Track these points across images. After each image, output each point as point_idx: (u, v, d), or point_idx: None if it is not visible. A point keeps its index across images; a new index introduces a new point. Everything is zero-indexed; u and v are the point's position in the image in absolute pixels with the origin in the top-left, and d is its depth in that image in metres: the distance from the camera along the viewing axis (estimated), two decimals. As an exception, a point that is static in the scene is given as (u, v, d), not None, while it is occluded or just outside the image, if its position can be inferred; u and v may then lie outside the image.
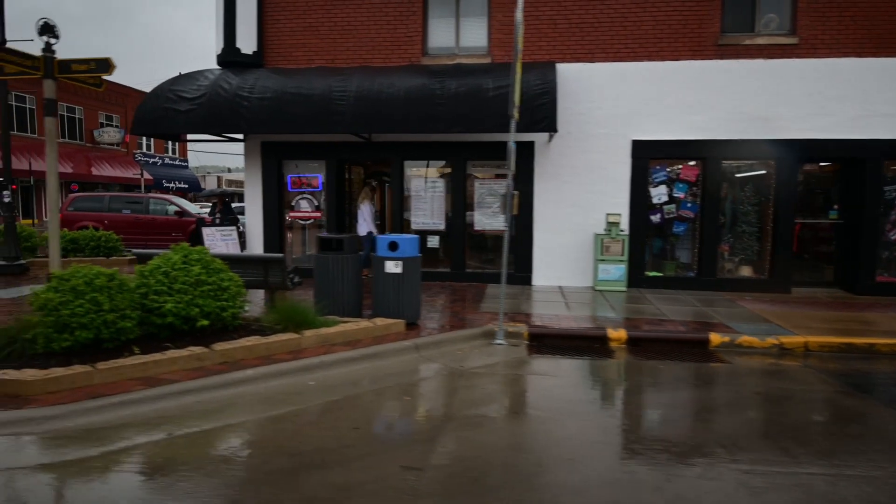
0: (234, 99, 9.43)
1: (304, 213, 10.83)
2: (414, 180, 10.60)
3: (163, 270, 5.53)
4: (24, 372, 4.40)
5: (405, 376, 5.43)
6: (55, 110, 6.33)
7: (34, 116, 32.57)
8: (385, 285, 6.94)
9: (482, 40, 10.22)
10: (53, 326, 4.84)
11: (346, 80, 9.42)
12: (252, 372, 5.02)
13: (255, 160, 10.77)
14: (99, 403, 4.19)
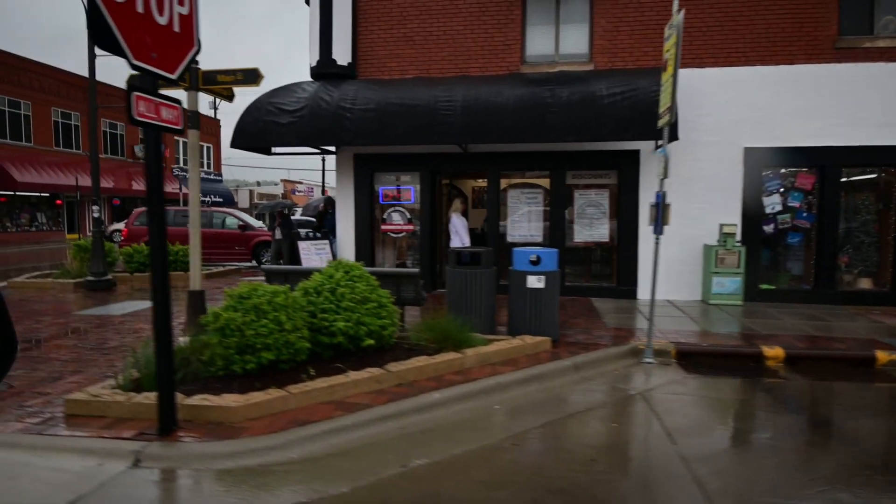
0: (337, 111, 9.26)
1: (396, 225, 10.60)
2: (510, 191, 10.32)
3: (328, 287, 5.29)
4: (225, 398, 4.15)
5: (586, 399, 5.11)
6: (198, 123, 6.16)
7: (79, 133, 32.97)
8: (524, 301, 6.65)
9: (583, 47, 9.96)
10: (236, 348, 4.60)
11: (450, 89, 9.21)
12: (438, 396, 4.73)
13: (347, 173, 10.59)
14: (310, 431, 3.93)
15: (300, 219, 21.38)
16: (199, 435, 3.83)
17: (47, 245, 28.49)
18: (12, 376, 5.18)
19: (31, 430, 3.91)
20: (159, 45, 3.72)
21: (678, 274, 9.74)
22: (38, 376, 5.20)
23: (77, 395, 4.22)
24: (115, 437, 3.77)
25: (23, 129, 29.60)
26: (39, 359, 5.82)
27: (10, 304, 6.98)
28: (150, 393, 4.23)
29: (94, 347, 6.32)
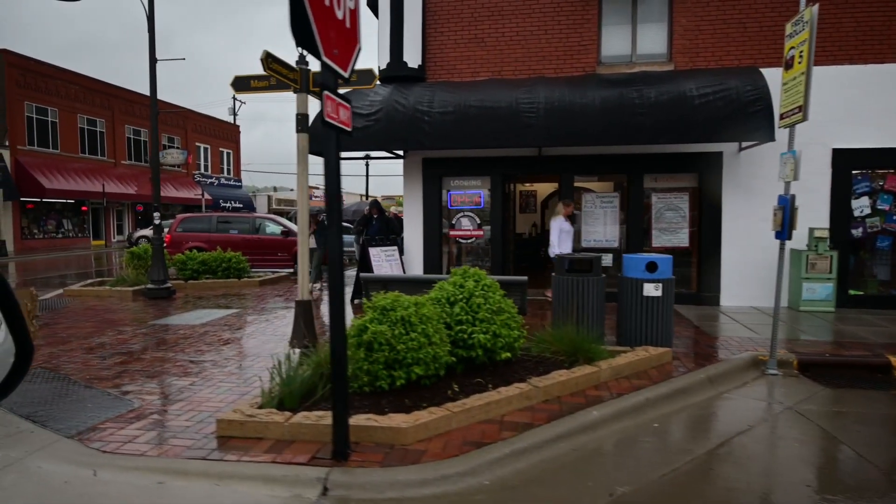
0: (414, 114, 9.02)
1: (465, 231, 10.34)
2: (585, 195, 10.04)
3: (461, 297, 5.02)
4: (393, 418, 3.88)
5: (742, 416, 4.82)
6: (307, 126, 5.92)
7: (104, 140, 32.95)
8: (638, 310, 6.37)
9: (661, 47, 9.69)
10: (384, 363, 4.33)
11: (531, 91, 8.95)
12: (597, 414, 4.45)
13: (415, 177, 10.34)
14: (491, 455, 3.65)
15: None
16: (377, 459, 3.56)
17: (74, 251, 28.39)
18: (129, 392, 4.94)
19: (193, 454, 3.65)
20: (338, 41, 3.48)
21: (764, 280, 9.40)
22: (160, 392, 4.95)
23: (230, 415, 3.96)
24: (288, 463, 3.50)
25: (50, 136, 29.58)
26: (149, 373, 5.57)
27: (78, 313, 6.79)
28: (308, 413, 3.97)
29: (196, 360, 6.07)
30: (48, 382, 5.27)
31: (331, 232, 3.55)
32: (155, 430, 4.04)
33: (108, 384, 5.20)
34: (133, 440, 3.86)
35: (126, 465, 3.47)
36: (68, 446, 3.78)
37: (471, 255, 10.55)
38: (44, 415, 4.38)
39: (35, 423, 4.19)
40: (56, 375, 5.50)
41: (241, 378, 5.40)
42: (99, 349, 6.62)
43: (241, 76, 6.02)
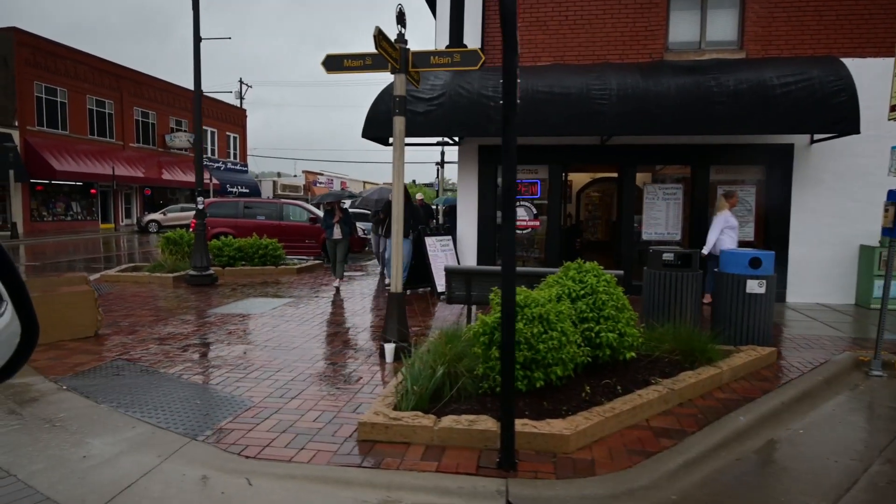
0: (479, 99, 8.69)
1: (521, 221, 10.04)
2: (647, 186, 9.76)
3: (584, 292, 4.75)
4: (552, 424, 3.62)
5: (885, 423, 4.58)
6: (405, 109, 5.59)
7: (113, 121, 32.36)
8: (737, 307, 6.11)
9: (732, 34, 9.37)
10: (522, 363, 4.06)
11: (602, 77, 8.63)
12: (744, 420, 4.20)
13: (470, 165, 10.03)
14: (665, 466, 3.40)
15: (355, 211, 20.79)
16: (548, 469, 3.29)
17: (84, 235, 27.92)
18: (231, 388, 4.66)
19: (344, 460, 3.38)
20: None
21: (832, 277, 9.20)
22: (265, 389, 4.66)
23: (373, 417, 3.68)
24: (455, 472, 3.24)
25: (59, 117, 28.99)
26: (240, 368, 5.28)
27: (125, 300, 6.48)
28: (457, 416, 3.71)
29: (280, 354, 5.79)
30: (140, 377, 4.97)
31: (506, 227, 3.25)
32: (287, 433, 3.76)
33: (203, 379, 4.91)
34: (270, 444, 3.59)
35: (279, 473, 3.19)
36: (203, 450, 3.50)
37: (523, 247, 10.27)
38: (155, 414, 4.09)
39: (151, 424, 3.91)
40: (145, 369, 5.20)
41: (341, 375, 5.13)
42: (171, 340, 6.33)
43: (333, 55, 5.66)
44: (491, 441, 3.54)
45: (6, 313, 1.11)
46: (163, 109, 36.53)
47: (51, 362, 5.39)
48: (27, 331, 1.13)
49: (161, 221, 30.76)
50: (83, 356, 5.63)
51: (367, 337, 6.62)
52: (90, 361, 5.45)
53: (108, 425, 3.89)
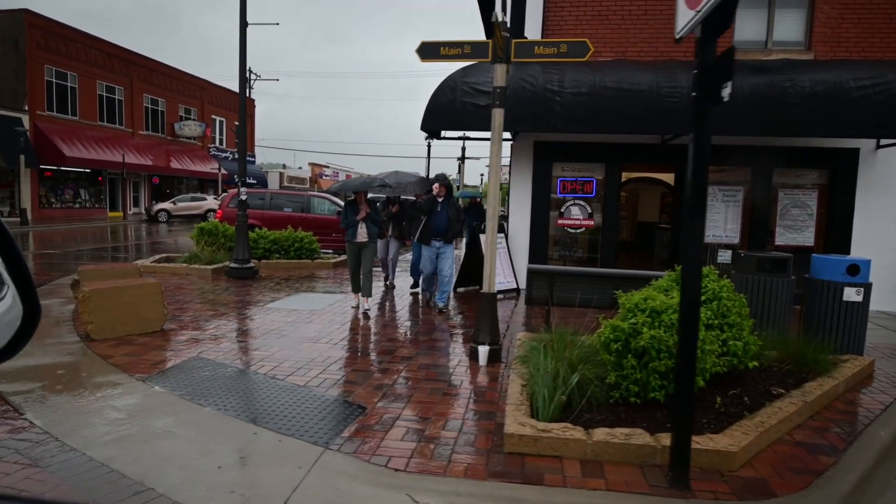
0: (544, 94, 8.45)
1: (575, 220, 9.82)
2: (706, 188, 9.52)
3: (705, 298, 4.52)
4: (716, 440, 3.40)
5: None
6: (505, 100, 5.35)
7: (122, 108, 31.90)
8: (831, 315, 5.91)
9: (799, 34, 9.16)
10: (661, 372, 3.84)
11: (672, 75, 8.39)
12: (884, 434, 3.99)
13: (524, 162, 9.79)
14: (843, 489, 3.18)
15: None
16: (724, 490, 3.08)
17: (94, 223, 27.52)
18: (335, 391, 4.42)
19: (504, 475, 3.15)
20: None
21: (889, 283, 9.02)
22: (373, 393, 4.43)
23: (520, 428, 3.45)
24: (626, 491, 3.01)
25: (69, 102, 28.54)
26: (335, 369, 5.04)
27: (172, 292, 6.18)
28: (611, 429, 3.48)
29: (370, 355, 5.55)
30: (232, 377, 4.72)
31: (693, 225, 3.02)
32: (423, 443, 3.53)
33: (299, 380, 4.67)
34: (413, 455, 3.35)
35: (442, 490, 2.96)
36: (345, 461, 3.26)
37: (571, 247, 10.05)
38: (269, 419, 3.84)
39: (270, 430, 3.66)
40: (232, 368, 4.95)
41: (440, 379, 4.90)
42: (242, 336, 6.08)
43: (428, 42, 5.41)
44: (649, 457, 3.32)
45: (7, 296, 1.12)
46: (172, 97, 36.07)
47: (129, 359, 5.13)
48: (29, 313, 1.12)
49: (171, 211, 30.36)
50: (158, 353, 5.37)
51: (444, 337, 6.38)
52: (169, 358, 5.20)
53: (225, 431, 3.65)
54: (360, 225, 7.41)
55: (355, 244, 7.52)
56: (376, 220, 7.54)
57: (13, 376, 4.54)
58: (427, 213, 7.73)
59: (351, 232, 7.47)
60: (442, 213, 7.69)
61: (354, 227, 7.43)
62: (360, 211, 7.38)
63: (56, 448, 3.32)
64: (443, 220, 7.65)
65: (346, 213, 7.48)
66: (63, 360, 5.10)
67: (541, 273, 6.18)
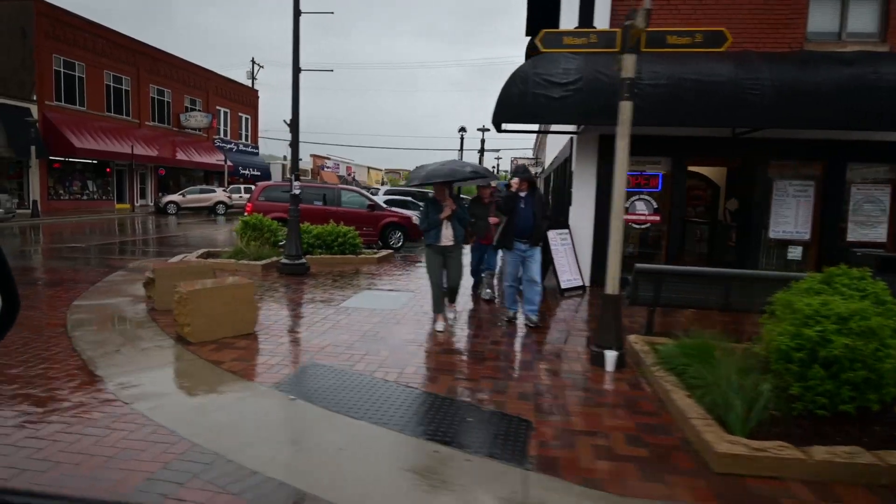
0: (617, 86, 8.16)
1: (640, 215, 9.59)
2: (776, 182, 9.34)
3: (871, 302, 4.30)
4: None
5: None
6: (633, 92, 5.09)
7: (129, 98, 31.28)
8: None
9: (872, 25, 8.95)
10: (855, 383, 3.61)
11: (750, 66, 8.16)
12: None
13: (589, 155, 9.54)
14: None
15: (392, 197, 20.14)
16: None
17: (103, 215, 27.01)
18: (485, 400, 4.17)
19: (726, 500, 2.91)
20: None
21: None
22: (516, 405, 4.18)
23: (732, 448, 3.22)
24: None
25: (77, 92, 27.93)
26: (457, 373, 4.79)
27: None
28: (832, 448, 3.26)
29: (474, 357, 5.31)
30: (366, 386, 4.46)
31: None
32: (617, 462, 3.29)
33: (436, 388, 4.42)
34: (618, 476, 3.11)
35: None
36: (560, 486, 3.02)
37: (635, 242, 9.84)
38: (443, 436, 3.59)
39: (447, 446, 3.41)
40: (368, 378, 4.69)
41: (577, 387, 4.67)
42: (344, 339, 5.80)
43: (551, 31, 5.15)
44: (874, 476, 3.10)
45: None
46: (178, 87, 35.45)
47: (241, 364, 4.85)
48: (9, 307, 1.14)
49: (180, 203, 29.85)
50: (267, 357, 5.09)
51: (548, 340, 6.14)
52: (283, 364, 4.92)
53: (403, 449, 3.40)
54: (445, 225, 6.25)
55: (437, 248, 6.30)
56: (464, 220, 6.44)
57: (133, 385, 4.25)
58: (509, 212, 6.58)
59: (433, 234, 6.27)
60: (526, 210, 6.54)
61: (437, 228, 6.25)
62: (445, 208, 6.21)
63: (234, 470, 3.05)
64: (527, 220, 6.54)
65: (427, 212, 6.31)
66: (174, 366, 4.81)
67: (649, 273, 5.93)
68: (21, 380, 4.30)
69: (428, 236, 6.27)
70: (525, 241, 6.56)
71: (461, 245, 6.40)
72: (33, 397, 3.97)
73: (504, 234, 6.60)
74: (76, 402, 3.90)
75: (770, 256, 9.39)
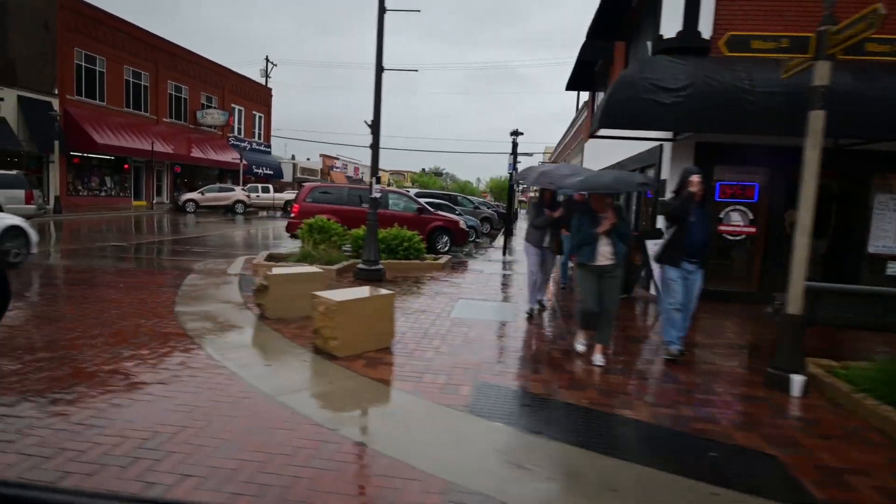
0: (734, 92, 7.90)
1: (735, 227, 9.31)
2: (878, 195, 9.09)
3: None
4: None
5: None
6: (825, 102, 4.79)
7: (147, 94, 30.81)
8: None
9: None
10: None
11: (870, 76, 7.89)
12: None
13: (684, 164, 9.22)
14: None
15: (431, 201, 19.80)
16: None
17: (122, 212, 26.54)
18: (735, 445, 3.85)
19: None
20: None
21: None
22: (728, 432, 3.86)
23: None
24: None
25: (97, 87, 27.44)
26: (640, 397, 4.47)
27: None
28: None
29: (647, 377, 4.98)
30: (571, 413, 4.12)
31: None
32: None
33: (636, 414, 4.09)
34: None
35: None
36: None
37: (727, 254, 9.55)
38: (703, 473, 3.26)
39: (728, 489, 3.08)
40: (558, 401, 4.35)
41: (789, 416, 4.35)
42: (488, 354, 5.46)
43: (738, 34, 4.87)
44: None
45: None
46: (194, 84, 34.99)
47: (409, 384, 4.51)
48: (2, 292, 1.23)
49: (199, 201, 29.39)
50: (430, 375, 4.75)
51: (706, 360, 5.82)
52: (453, 384, 4.58)
53: (674, 492, 3.06)
54: (603, 241, 5.31)
55: (594, 269, 5.32)
56: (625, 235, 5.40)
57: (326, 407, 3.90)
58: (679, 220, 5.47)
59: (587, 252, 5.28)
60: (698, 222, 5.41)
61: (593, 244, 5.27)
62: (604, 221, 5.23)
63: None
64: (701, 233, 5.42)
65: (580, 225, 5.32)
66: (344, 386, 4.45)
67: (830, 292, 5.62)
68: (193, 407, 3.93)
69: (581, 253, 5.38)
70: (694, 260, 5.47)
71: (621, 264, 5.44)
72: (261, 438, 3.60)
73: (671, 248, 5.51)
74: (303, 438, 3.55)
75: (868, 272, 9.14)
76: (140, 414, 3.62)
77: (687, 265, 5.47)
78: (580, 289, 5.60)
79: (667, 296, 5.58)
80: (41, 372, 4.30)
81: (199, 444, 3.23)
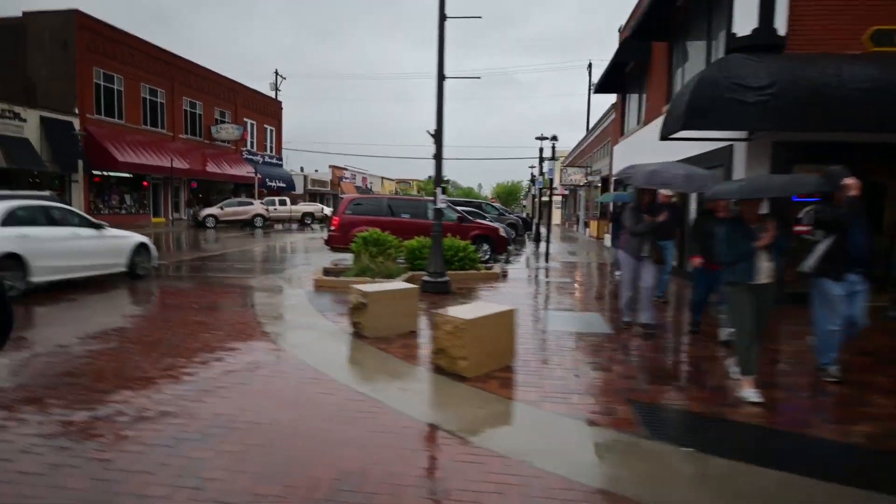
0: (820, 90, 7.66)
1: (809, 227, 9.02)
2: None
3: None
4: None
5: None
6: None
7: (164, 111, 30.69)
8: None
9: None
10: None
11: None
12: None
13: (761, 164, 9.01)
14: None
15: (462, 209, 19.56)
16: None
17: (144, 229, 26.26)
18: None
19: None
20: None
21: None
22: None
23: None
24: None
25: (115, 105, 27.34)
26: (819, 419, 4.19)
27: None
28: None
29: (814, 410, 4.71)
30: (769, 438, 3.85)
31: None
32: None
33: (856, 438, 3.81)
34: None
35: None
36: None
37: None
38: None
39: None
40: (749, 424, 4.08)
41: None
42: (615, 371, 5.20)
43: (882, 29, 4.64)
44: None
45: None
46: (208, 100, 34.92)
47: (562, 405, 4.25)
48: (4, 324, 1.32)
49: (218, 216, 29.18)
50: (574, 397, 4.47)
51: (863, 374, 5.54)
52: (599, 404, 4.31)
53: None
54: (762, 256, 4.61)
55: (751, 288, 4.60)
56: (784, 247, 4.84)
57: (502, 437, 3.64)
58: (841, 229, 4.86)
59: (743, 269, 4.59)
60: (859, 231, 4.85)
61: (750, 258, 4.58)
62: (763, 234, 4.56)
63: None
64: (865, 241, 4.89)
65: (729, 238, 4.64)
66: (491, 409, 4.18)
67: None
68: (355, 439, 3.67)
69: (733, 271, 4.65)
70: (859, 270, 4.89)
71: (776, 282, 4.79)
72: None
73: (832, 259, 4.92)
74: (477, 462, 3.28)
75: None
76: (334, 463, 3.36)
77: (852, 277, 4.89)
78: (731, 315, 4.95)
79: (828, 314, 4.96)
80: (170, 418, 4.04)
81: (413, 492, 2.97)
